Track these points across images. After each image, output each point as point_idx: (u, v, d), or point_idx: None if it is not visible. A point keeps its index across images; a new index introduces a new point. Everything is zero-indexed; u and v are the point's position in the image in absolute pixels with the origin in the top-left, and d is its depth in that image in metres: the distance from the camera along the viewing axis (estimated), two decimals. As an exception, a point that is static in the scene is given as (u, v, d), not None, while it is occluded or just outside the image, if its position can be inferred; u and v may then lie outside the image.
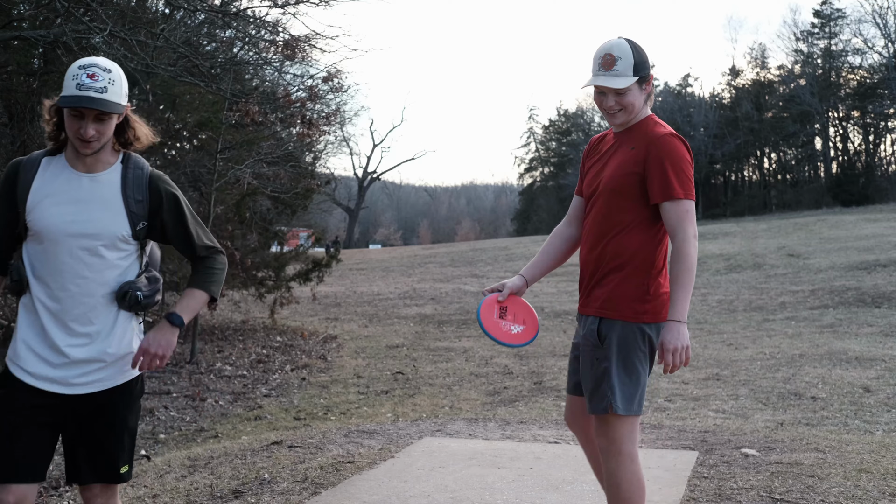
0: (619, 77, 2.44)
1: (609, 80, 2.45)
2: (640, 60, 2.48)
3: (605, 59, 2.46)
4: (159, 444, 5.82)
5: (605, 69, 2.46)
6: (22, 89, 8.29)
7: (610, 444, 2.46)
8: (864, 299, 12.69)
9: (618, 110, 2.49)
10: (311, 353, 10.30)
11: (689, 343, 2.40)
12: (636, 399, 2.46)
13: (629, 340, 2.44)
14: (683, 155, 2.45)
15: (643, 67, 2.49)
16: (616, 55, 2.45)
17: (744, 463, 4.02)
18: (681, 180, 2.41)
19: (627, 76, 2.45)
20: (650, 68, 2.54)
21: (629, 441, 2.46)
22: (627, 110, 2.49)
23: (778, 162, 56.68)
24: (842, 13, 51.13)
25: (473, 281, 20.29)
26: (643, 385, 2.48)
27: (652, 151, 2.44)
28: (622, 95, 2.47)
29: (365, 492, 3.71)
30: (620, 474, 2.45)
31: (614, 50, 2.46)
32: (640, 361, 2.46)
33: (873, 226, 24.09)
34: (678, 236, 2.41)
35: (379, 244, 65.62)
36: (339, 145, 48.89)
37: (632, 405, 2.44)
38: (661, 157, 2.43)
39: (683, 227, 2.40)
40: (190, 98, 9.03)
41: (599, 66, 2.48)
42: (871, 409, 5.97)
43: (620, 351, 2.44)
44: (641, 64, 2.48)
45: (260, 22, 8.95)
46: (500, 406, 6.66)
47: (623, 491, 2.45)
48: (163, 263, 10.39)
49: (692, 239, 2.40)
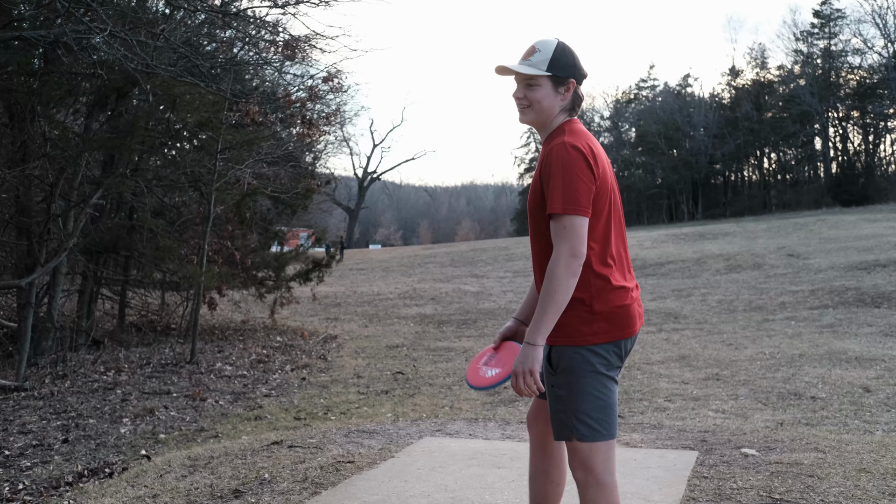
0: (528, 66, 2.36)
1: (517, 66, 2.37)
2: (561, 61, 2.37)
3: (527, 50, 2.41)
4: (159, 444, 5.82)
5: (522, 59, 2.40)
6: (22, 89, 8.29)
7: (587, 475, 2.32)
8: (863, 299, 12.70)
9: (525, 106, 2.40)
10: (311, 353, 10.30)
11: (538, 368, 2.24)
12: (604, 424, 2.31)
13: (582, 367, 2.29)
14: (572, 163, 2.24)
15: (561, 68, 2.37)
16: (538, 48, 2.38)
17: (744, 463, 4.03)
18: (565, 193, 2.22)
19: (538, 68, 2.35)
20: (573, 75, 2.40)
21: (606, 471, 2.32)
22: (534, 108, 2.38)
23: (778, 162, 56.76)
24: (841, 13, 51.27)
25: (473, 281, 20.30)
26: (610, 406, 2.32)
27: (544, 162, 2.32)
28: (530, 89, 2.37)
29: (365, 491, 3.71)
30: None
31: (539, 44, 2.40)
32: (600, 385, 2.30)
33: (873, 226, 24.10)
34: (553, 254, 2.25)
35: (379, 244, 65.67)
36: (339, 145, 48.93)
37: (598, 431, 2.30)
38: (549, 166, 2.27)
39: (557, 244, 2.23)
40: (190, 98, 9.03)
41: (521, 56, 2.42)
42: (871, 409, 5.97)
43: (574, 378, 2.30)
44: (560, 64, 2.37)
45: (260, 22, 8.98)
46: (499, 406, 6.67)
47: None
48: (163, 263, 10.33)
49: (563, 258, 2.20)
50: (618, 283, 2.33)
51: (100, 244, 10.12)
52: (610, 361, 2.31)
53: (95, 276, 10.53)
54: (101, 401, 7.29)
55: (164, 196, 11.32)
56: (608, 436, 2.31)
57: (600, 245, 2.32)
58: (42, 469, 5.18)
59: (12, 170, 8.22)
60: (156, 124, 9.75)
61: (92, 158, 9.82)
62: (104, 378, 8.31)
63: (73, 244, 8.83)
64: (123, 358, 9.50)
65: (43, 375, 8.33)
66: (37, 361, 8.84)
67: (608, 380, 2.32)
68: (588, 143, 2.32)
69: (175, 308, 12.67)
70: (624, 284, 2.34)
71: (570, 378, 2.30)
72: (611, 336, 2.29)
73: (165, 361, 9.36)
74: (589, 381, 2.29)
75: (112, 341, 10.58)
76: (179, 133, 10.56)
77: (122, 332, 11.32)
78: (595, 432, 2.29)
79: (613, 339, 2.30)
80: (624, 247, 2.44)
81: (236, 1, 9.18)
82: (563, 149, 2.26)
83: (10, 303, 10.74)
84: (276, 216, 13.49)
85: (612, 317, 2.30)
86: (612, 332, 2.30)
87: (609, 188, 2.35)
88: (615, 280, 2.33)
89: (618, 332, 2.31)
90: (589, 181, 2.25)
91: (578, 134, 2.34)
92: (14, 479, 4.96)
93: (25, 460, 5.41)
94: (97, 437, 6.05)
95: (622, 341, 2.31)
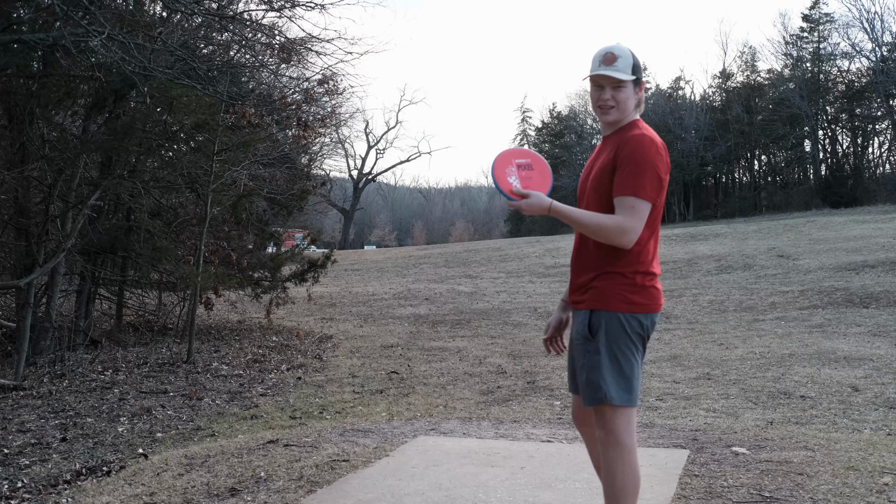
0: (619, 71, 2.58)
1: (611, 71, 2.58)
2: (637, 64, 2.62)
3: (606, 56, 2.60)
4: (156, 443, 5.86)
5: (605, 65, 2.59)
6: (21, 92, 8.32)
7: (608, 434, 2.53)
8: (852, 300, 12.80)
9: (611, 106, 2.60)
10: (306, 353, 10.34)
11: (534, 209, 2.56)
12: (631, 390, 2.53)
13: (618, 331, 2.52)
14: (646, 154, 2.51)
15: (639, 70, 2.63)
16: (617, 54, 2.60)
17: (734, 461, 4.07)
18: (640, 178, 2.49)
19: (626, 74, 2.59)
20: (643, 76, 2.67)
21: (626, 433, 2.52)
22: (620, 108, 2.60)
23: (768, 164, 56.89)
24: (830, 17, 51.41)
25: (467, 281, 20.35)
26: (636, 376, 2.55)
27: (622, 148, 2.55)
28: (618, 90, 2.59)
29: (360, 490, 3.75)
30: (617, 465, 2.51)
31: (615, 50, 2.61)
32: (631, 352, 2.53)
33: (861, 227, 24.22)
34: (617, 217, 2.51)
35: (374, 245, 65.58)
36: (334, 147, 48.94)
37: (626, 395, 2.52)
38: (625, 154, 2.52)
39: (622, 215, 2.50)
40: (187, 100, 9.05)
41: (600, 63, 2.60)
42: (860, 408, 6.03)
43: (610, 342, 2.52)
44: (637, 67, 2.62)
45: (256, 25, 9.01)
46: (493, 405, 6.71)
47: (618, 481, 2.52)
48: (160, 263, 10.36)
49: (622, 228, 2.49)
50: (654, 268, 2.61)
51: (97, 245, 10.14)
52: (643, 333, 2.56)
53: (93, 276, 10.55)
54: (99, 400, 7.33)
55: (162, 197, 11.34)
56: (633, 401, 2.54)
57: (649, 232, 2.59)
58: (40, 467, 5.20)
59: (11, 171, 8.25)
60: (153, 126, 9.79)
61: (90, 160, 9.85)
62: (102, 377, 8.35)
63: (72, 245, 8.86)
64: (121, 357, 9.53)
65: (41, 375, 8.35)
66: (35, 361, 8.87)
67: (640, 350, 2.58)
68: (660, 140, 2.61)
69: (172, 308, 12.68)
70: (656, 271, 2.62)
71: (608, 343, 2.53)
72: (647, 308, 2.55)
73: (162, 361, 9.39)
74: (624, 348, 2.54)
75: (110, 341, 10.60)
76: (176, 135, 10.58)
77: (120, 331, 11.33)
78: (625, 396, 2.52)
79: (649, 311, 2.56)
80: (657, 237, 2.71)
81: (233, 4, 9.22)
82: (646, 140, 2.54)
83: (9, 303, 10.75)
84: (272, 217, 13.51)
85: (650, 293, 2.56)
86: (649, 305, 2.56)
87: (666, 183, 2.61)
88: (654, 266, 2.61)
89: (651, 307, 2.57)
90: (661, 172, 2.54)
91: (650, 130, 2.62)
92: (13, 477, 4.99)
93: (24, 458, 5.44)
94: (95, 435, 6.09)
95: (652, 315, 2.57)
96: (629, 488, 2.52)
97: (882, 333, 9.81)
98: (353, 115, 45.94)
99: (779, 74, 53.77)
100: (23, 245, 9.25)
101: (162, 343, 10.82)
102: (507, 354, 9.65)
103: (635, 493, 2.54)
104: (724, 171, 57.17)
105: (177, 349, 10.26)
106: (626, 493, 2.52)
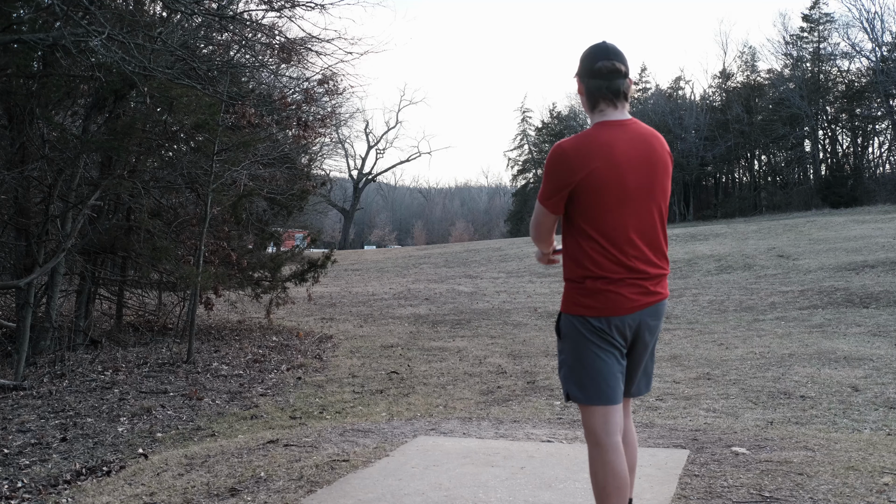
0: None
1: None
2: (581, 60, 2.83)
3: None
4: (156, 443, 5.86)
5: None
6: (21, 92, 8.32)
7: (587, 434, 2.58)
8: (852, 299, 12.80)
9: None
10: (306, 353, 10.34)
11: None
12: (593, 389, 2.53)
13: (575, 332, 2.56)
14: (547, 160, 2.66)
15: (580, 66, 2.84)
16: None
17: (734, 461, 4.08)
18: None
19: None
20: (581, 72, 2.80)
21: (604, 432, 2.53)
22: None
23: (768, 164, 56.93)
24: (830, 17, 51.46)
25: (467, 281, 20.35)
26: (602, 376, 2.53)
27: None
28: None
29: (360, 490, 3.76)
30: (597, 464, 2.54)
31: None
32: (590, 352, 2.54)
33: (861, 227, 24.24)
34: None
35: (374, 245, 65.62)
36: (334, 147, 48.99)
37: (587, 395, 2.54)
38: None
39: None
40: (187, 100, 9.05)
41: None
42: (859, 408, 6.03)
43: (569, 342, 2.59)
44: (580, 63, 2.85)
45: (256, 25, 9.01)
46: (493, 405, 6.72)
47: (599, 480, 2.53)
48: (160, 263, 10.35)
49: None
50: (610, 273, 2.57)
51: (97, 245, 10.14)
52: (604, 332, 2.54)
53: (93, 276, 10.55)
54: (99, 400, 7.33)
55: (161, 197, 11.34)
56: (598, 401, 2.53)
57: (590, 240, 2.67)
58: (41, 467, 5.21)
59: (11, 171, 8.25)
60: (153, 126, 9.78)
61: (90, 160, 9.85)
62: (102, 377, 8.35)
63: (72, 245, 8.85)
64: (121, 357, 9.53)
65: (41, 375, 8.35)
66: (35, 361, 8.87)
67: (601, 349, 2.54)
68: (561, 145, 2.73)
69: (172, 308, 12.68)
70: (615, 276, 2.57)
71: (567, 343, 2.60)
72: (601, 312, 2.54)
73: (162, 361, 9.39)
74: (582, 348, 2.55)
75: (110, 341, 10.60)
76: (176, 135, 10.58)
77: (120, 331, 11.33)
78: (586, 396, 2.54)
79: (603, 314, 2.54)
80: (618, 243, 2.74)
81: (233, 4, 9.22)
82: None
83: (9, 303, 10.75)
84: (271, 217, 13.51)
85: (603, 296, 2.54)
86: (602, 309, 2.54)
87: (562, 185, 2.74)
88: (612, 271, 2.58)
89: (604, 310, 2.53)
90: (549, 174, 2.74)
91: (575, 135, 2.79)
92: (13, 477, 4.99)
93: (24, 458, 5.44)
94: (95, 435, 6.09)
95: (609, 318, 2.53)
96: (610, 488, 2.51)
97: (882, 333, 9.81)
98: (353, 115, 46.04)
99: (779, 74, 53.80)
100: (23, 245, 9.25)
101: (162, 343, 10.82)
102: (507, 354, 9.65)
103: (618, 493, 2.52)
104: (724, 171, 57.21)
105: (177, 349, 10.26)
106: (608, 493, 2.52)
